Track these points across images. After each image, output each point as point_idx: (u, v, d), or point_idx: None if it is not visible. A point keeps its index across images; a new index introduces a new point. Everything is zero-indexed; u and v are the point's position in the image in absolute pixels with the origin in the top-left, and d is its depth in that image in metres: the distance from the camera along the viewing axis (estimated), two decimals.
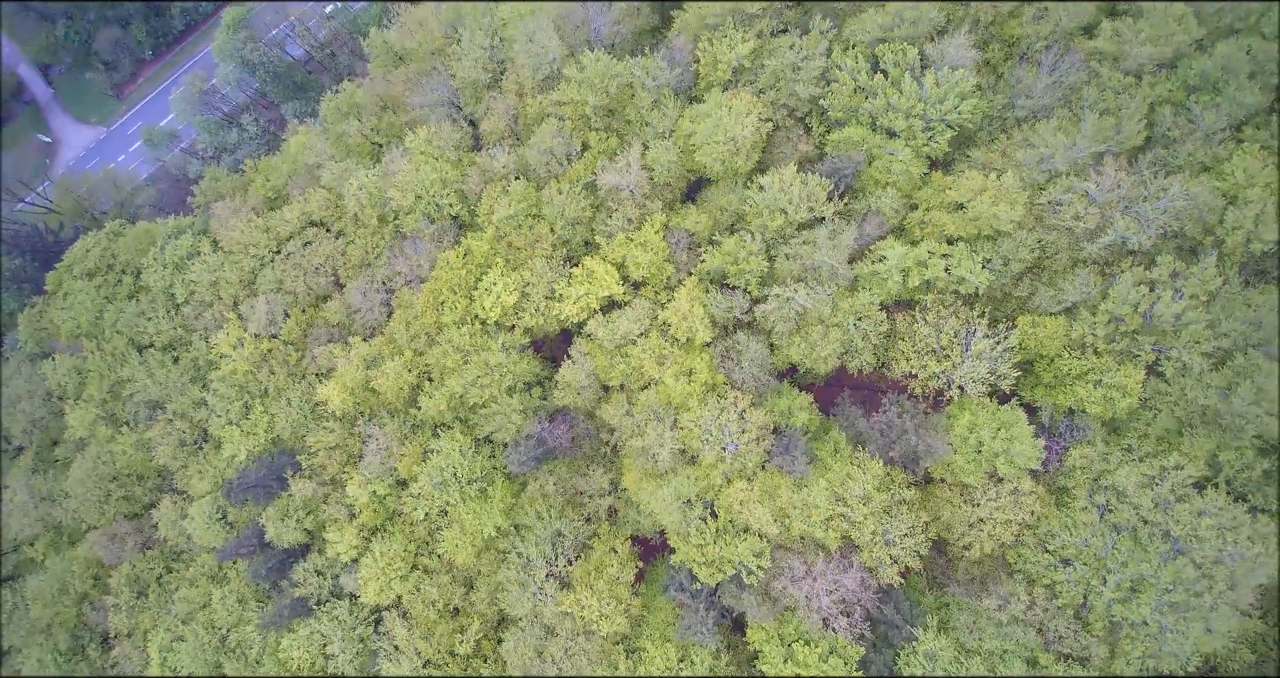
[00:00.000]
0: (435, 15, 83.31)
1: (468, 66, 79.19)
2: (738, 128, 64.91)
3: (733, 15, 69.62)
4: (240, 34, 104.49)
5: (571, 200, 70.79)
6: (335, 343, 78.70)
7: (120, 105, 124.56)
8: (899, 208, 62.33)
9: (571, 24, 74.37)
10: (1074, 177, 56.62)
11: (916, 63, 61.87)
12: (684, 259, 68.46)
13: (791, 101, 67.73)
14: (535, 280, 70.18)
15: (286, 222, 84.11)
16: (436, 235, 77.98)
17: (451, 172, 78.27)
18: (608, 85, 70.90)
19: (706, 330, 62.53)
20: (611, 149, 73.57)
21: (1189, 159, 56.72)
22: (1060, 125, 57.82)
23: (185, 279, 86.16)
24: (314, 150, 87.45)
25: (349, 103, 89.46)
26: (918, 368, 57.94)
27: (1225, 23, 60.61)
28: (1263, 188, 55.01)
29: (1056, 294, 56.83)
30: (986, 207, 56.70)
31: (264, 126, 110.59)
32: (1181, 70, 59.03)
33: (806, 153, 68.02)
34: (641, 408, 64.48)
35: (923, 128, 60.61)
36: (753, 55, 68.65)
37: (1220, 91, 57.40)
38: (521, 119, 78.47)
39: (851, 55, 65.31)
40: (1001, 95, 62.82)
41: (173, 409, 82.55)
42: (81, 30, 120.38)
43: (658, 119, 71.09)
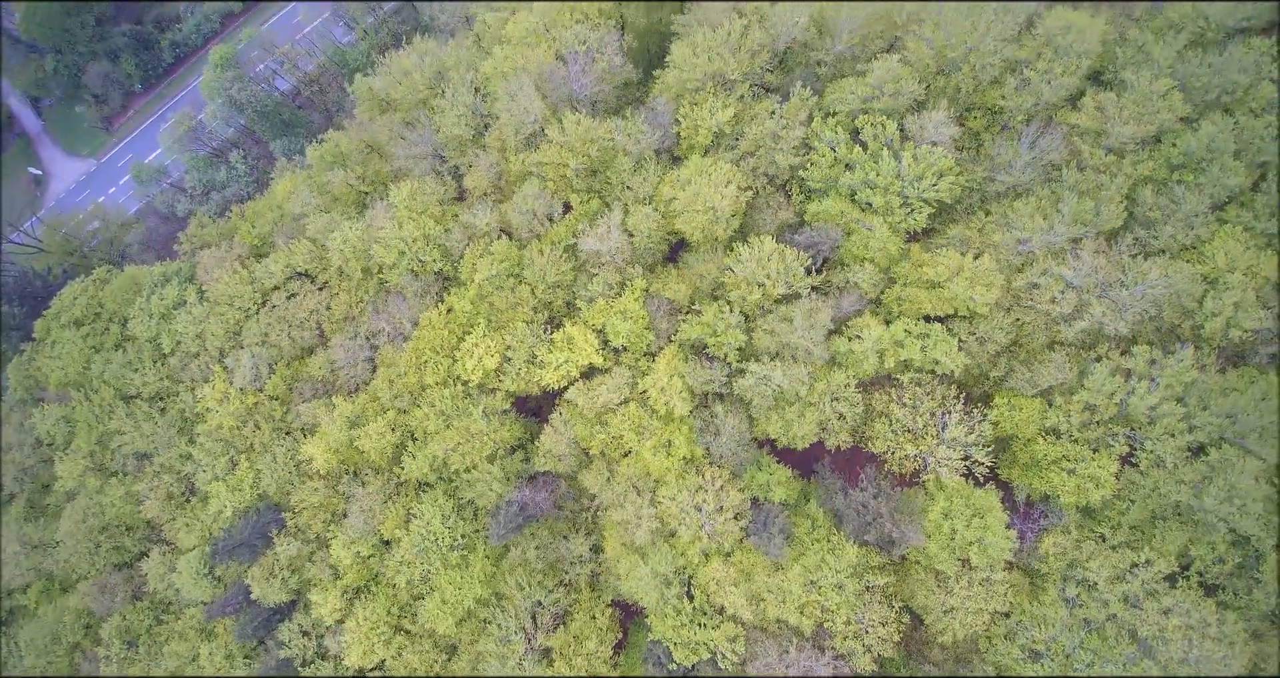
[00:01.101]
0: (419, 67, 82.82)
1: (451, 122, 78.93)
2: (717, 198, 64.65)
3: (713, 80, 69.15)
4: (228, 73, 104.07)
5: (553, 264, 70.70)
6: (320, 398, 79.04)
7: (110, 138, 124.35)
8: (877, 282, 62.09)
9: (553, 82, 73.86)
10: (1051, 259, 56.24)
11: (896, 136, 61.40)
12: (664, 327, 68.34)
13: (771, 169, 67.35)
14: (516, 345, 70.20)
15: (271, 274, 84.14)
16: (420, 291, 78.12)
17: (435, 227, 78.08)
18: (589, 148, 70.58)
19: (684, 404, 62.56)
20: (593, 211, 73.31)
21: (1169, 241, 56.25)
22: (1039, 206, 57.43)
23: (171, 329, 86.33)
24: (299, 199, 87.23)
25: (334, 152, 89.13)
26: (894, 448, 57.91)
27: (1213, 98, 59.94)
28: (1244, 273, 54.61)
29: (1032, 376, 56.66)
30: (963, 289, 56.45)
31: (252, 164, 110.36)
32: (1165, 147, 58.52)
33: (786, 220, 67.73)
34: (621, 479, 64.71)
35: (900, 204, 60.23)
36: (733, 121, 68.23)
37: (1204, 171, 56.84)
38: (504, 176, 78.26)
39: (831, 125, 64.87)
40: (981, 168, 62.39)
41: (160, 462, 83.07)
42: (71, 64, 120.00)
43: (639, 183, 70.82)
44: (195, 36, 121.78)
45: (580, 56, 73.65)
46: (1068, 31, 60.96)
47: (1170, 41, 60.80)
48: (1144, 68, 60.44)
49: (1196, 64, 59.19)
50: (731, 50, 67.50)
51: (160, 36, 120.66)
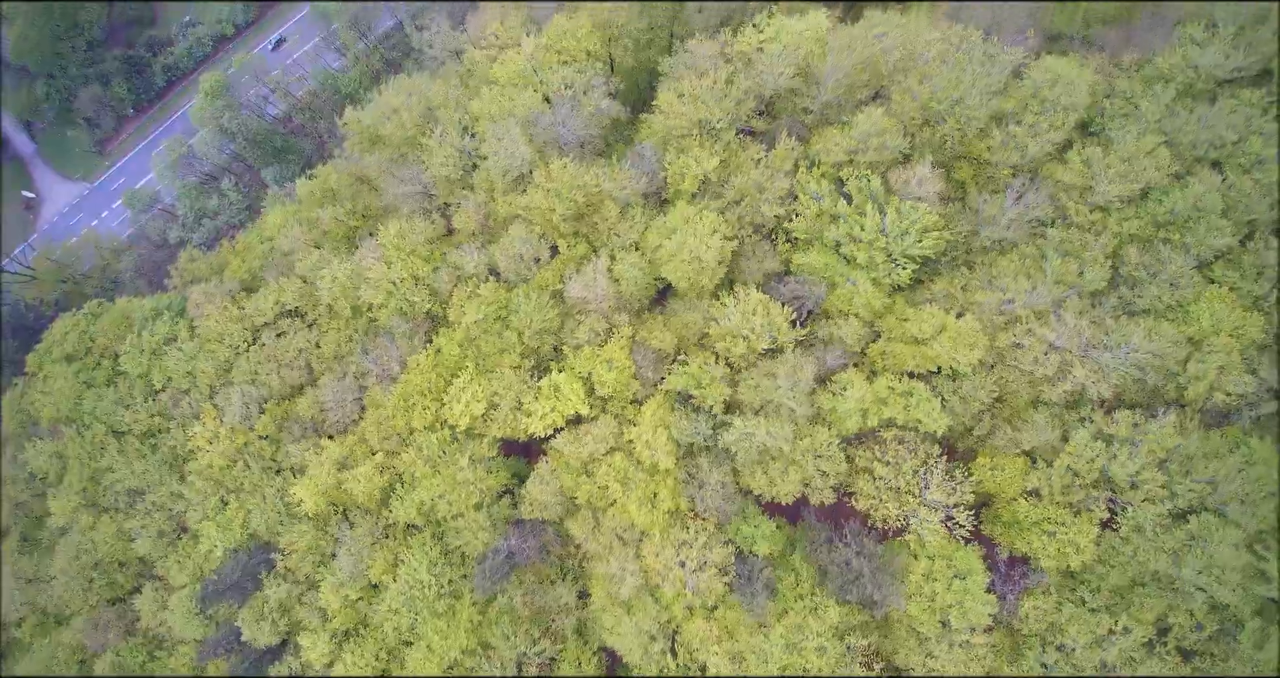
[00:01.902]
0: (407, 106, 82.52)
1: (439, 162, 78.73)
2: (702, 249, 64.50)
3: (699, 127, 68.88)
4: (218, 101, 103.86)
5: (539, 310, 70.65)
6: (309, 438, 79.30)
7: (103, 161, 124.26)
8: (861, 336, 61.98)
9: (540, 125, 73.58)
10: (1035, 320, 56.06)
11: (880, 190, 61.12)
12: (650, 375, 68.35)
13: (757, 218, 67.11)
14: (503, 391, 70.27)
15: (261, 311, 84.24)
16: (409, 333, 78.21)
17: (423, 267, 78.17)
18: (575, 194, 70.34)
19: (669, 458, 62.63)
20: (579, 255, 73.23)
21: (1154, 301, 56.04)
22: (1022, 266, 57.25)
23: (162, 366, 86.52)
24: (289, 235, 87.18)
25: (323, 188, 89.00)
26: (877, 507, 57.99)
27: (1201, 153, 59.59)
28: (1229, 335, 54.40)
29: (1016, 436, 56.61)
30: (946, 349, 56.34)
31: (244, 192, 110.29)
32: (1151, 204, 58.20)
33: (772, 269, 67.62)
34: (606, 530, 64.89)
35: (884, 259, 60.02)
36: (719, 169, 67.99)
37: (1190, 230, 56.58)
38: (492, 217, 78.10)
39: (816, 176, 64.72)
40: (966, 222, 62.17)
41: (151, 500, 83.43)
42: (63, 88, 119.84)
43: (625, 230, 70.66)
44: (187, 60, 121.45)
45: (566, 100, 73.38)
46: (1055, 84, 60.64)
47: (1159, 94, 60.44)
48: (1131, 121, 60.16)
49: (1185, 119, 58.76)
50: (717, 99, 67.16)
51: (152, 60, 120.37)
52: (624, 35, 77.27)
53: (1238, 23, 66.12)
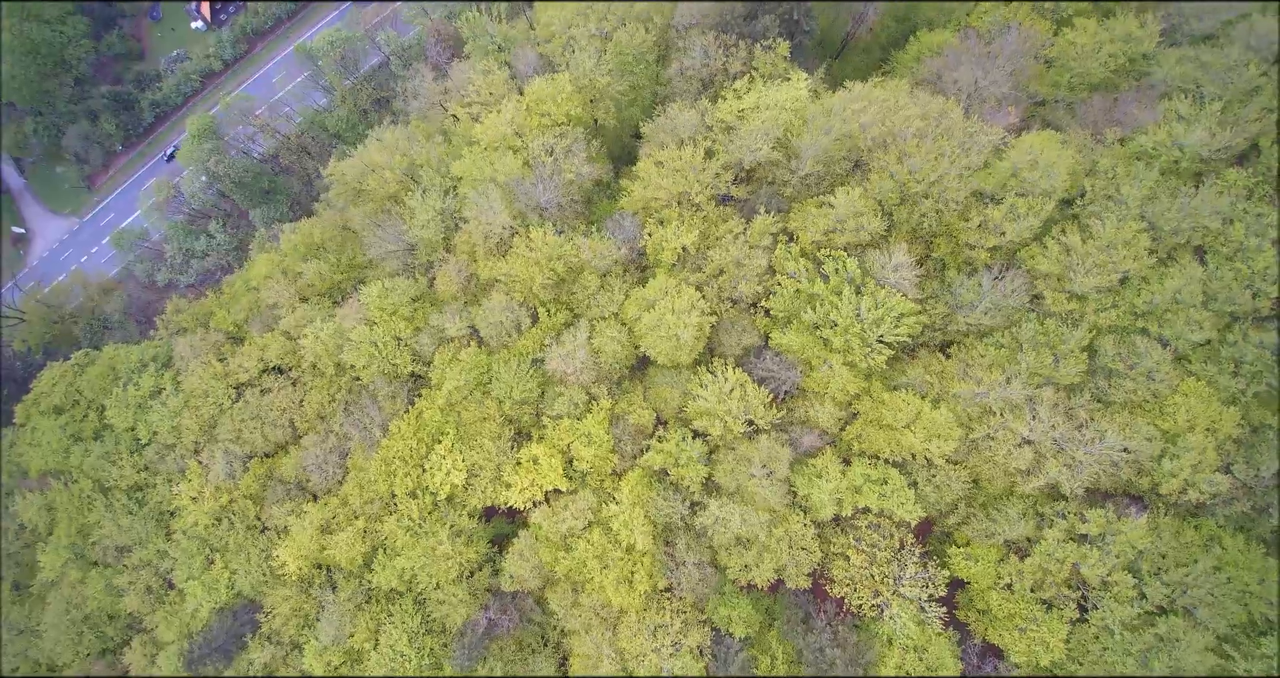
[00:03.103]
0: (389, 164, 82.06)
1: (421, 223, 78.48)
2: (680, 327, 64.30)
3: (679, 199, 68.44)
4: (205, 144, 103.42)
5: (519, 381, 70.67)
6: (292, 499, 79.69)
7: (92, 196, 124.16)
8: (838, 418, 61.82)
9: (521, 190, 73.16)
10: (1009, 413, 55.78)
11: (857, 273, 60.67)
12: (629, 449, 68.37)
13: (735, 294, 66.75)
14: (483, 462, 70.43)
15: (245, 369, 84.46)
16: (392, 394, 78.41)
17: (405, 329, 78.19)
18: (555, 264, 70.10)
19: (646, 538, 62.75)
20: (559, 323, 73.07)
21: (1129, 395, 55.70)
22: (997, 356, 56.83)
23: (147, 420, 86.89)
24: (273, 289, 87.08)
25: (307, 243, 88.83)
26: (852, 594, 58.12)
27: (1183, 240, 58.99)
28: (1204, 433, 54.08)
29: (990, 526, 56.53)
30: (920, 439, 56.17)
31: (232, 232, 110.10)
32: (1130, 293, 57.65)
33: (750, 344, 67.33)
34: (585, 607, 65.24)
35: (860, 344, 59.67)
36: (698, 242, 67.57)
37: (1168, 323, 56.12)
38: (474, 279, 77.84)
39: (793, 254, 64.22)
40: (945, 302, 61.72)
41: (138, 557, 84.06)
42: (50, 124, 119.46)
43: (604, 301, 70.43)
44: (175, 95, 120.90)
45: (547, 166, 72.88)
46: (1034, 165, 59.94)
47: (1141, 176, 59.69)
48: (1112, 205, 59.48)
49: (1166, 205, 58.09)
50: (696, 172, 66.67)
51: (140, 96, 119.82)
52: (605, 97, 76.52)
53: (1226, 96, 65.34)
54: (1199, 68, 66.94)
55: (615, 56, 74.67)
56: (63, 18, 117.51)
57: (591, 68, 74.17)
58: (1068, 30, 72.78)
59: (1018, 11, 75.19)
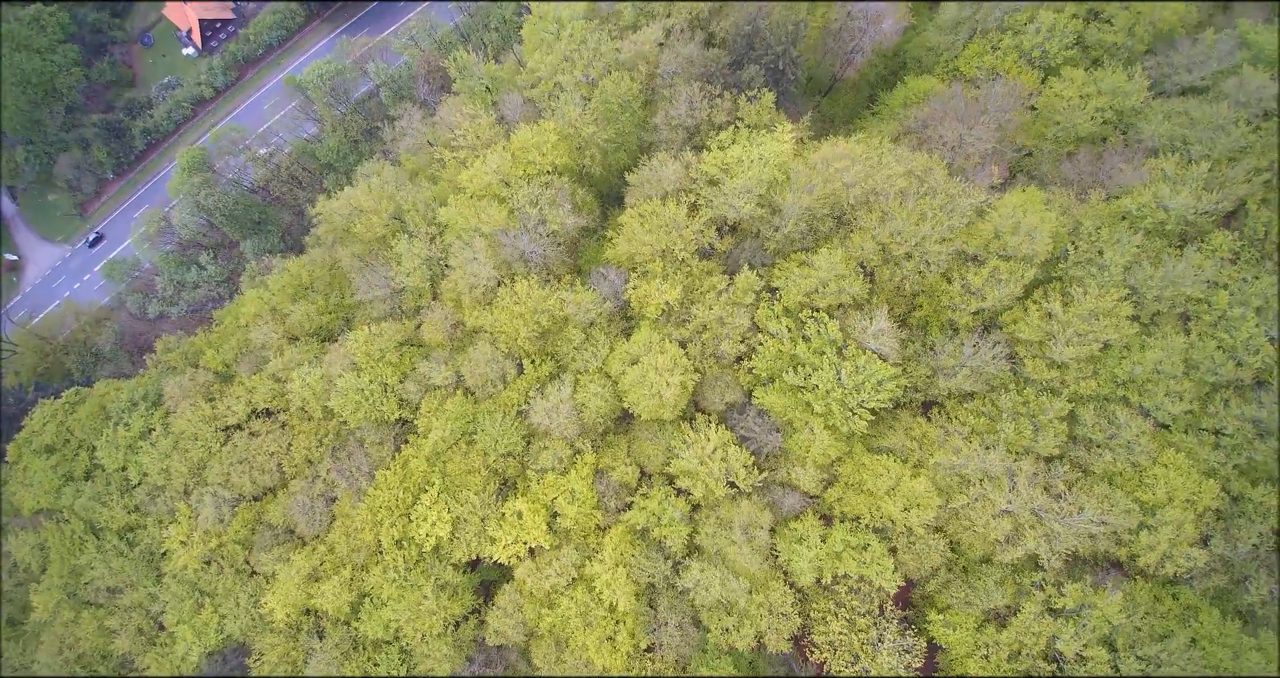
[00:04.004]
0: (377, 208, 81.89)
1: (407, 271, 78.53)
2: (662, 385, 64.29)
3: (663, 255, 68.30)
4: (194, 178, 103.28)
5: (504, 434, 70.88)
6: (280, 546, 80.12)
7: (84, 224, 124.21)
8: (819, 480, 61.92)
9: (506, 240, 73.04)
10: (988, 484, 55.80)
11: (838, 337, 60.56)
12: (612, 504, 68.59)
13: (718, 351, 66.69)
14: (468, 516, 70.72)
15: (233, 412, 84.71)
16: (379, 440, 78.76)
17: (392, 375, 78.30)
18: (539, 318, 70.08)
19: (628, 599, 63.01)
20: (545, 375, 73.14)
21: (1109, 466, 55.66)
22: (977, 425, 56.81)
23: (138, 461, 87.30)
24: (261, 330, 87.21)
25: (295, 284, 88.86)
26: (831, 660, 58.40)
27: (1165, 308, 58.74)
28: (1182, 505, 54.08)
29: (968, 594, 56.69)
30: (898, 510, 56.26)
31: (223, 264, 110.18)
32: (1110, 362, 57.50)
33: (733, 401, 67.41)
34: (569, 665, 65.64)
35: (841, 409, 59.65)
36: (681, 298, 67.46)
37: (1149, 393, 56.03)
38: (460, 326, 77.89)
39: (776, 313, 64.15)
40: (927, 363, 61.65)
41: (130, 599, 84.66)
42: (42, 153, 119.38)
43: (588, 356, 70.47)
44: (167, 122, 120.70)
45: (532, 218, 72.74)
46: (1016, 229, 59.63)
47: (1125, 241, 59.30)
48: (1094, 269, 59.23)
49: (1149, 273, 57.82)
50: (679, 229, 66.50)
51: (132, 124, 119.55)
52: (591, 145, 76.20)
53: (1214, 155, 64.89)
54: (1187, 124, 66.48)
55: (601, 104, 74.27)
56: (53, 46, 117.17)
57: (577, 117, 73.82)
58: (1055, 80, 72.22)
59: (1004, 60, 74.58)
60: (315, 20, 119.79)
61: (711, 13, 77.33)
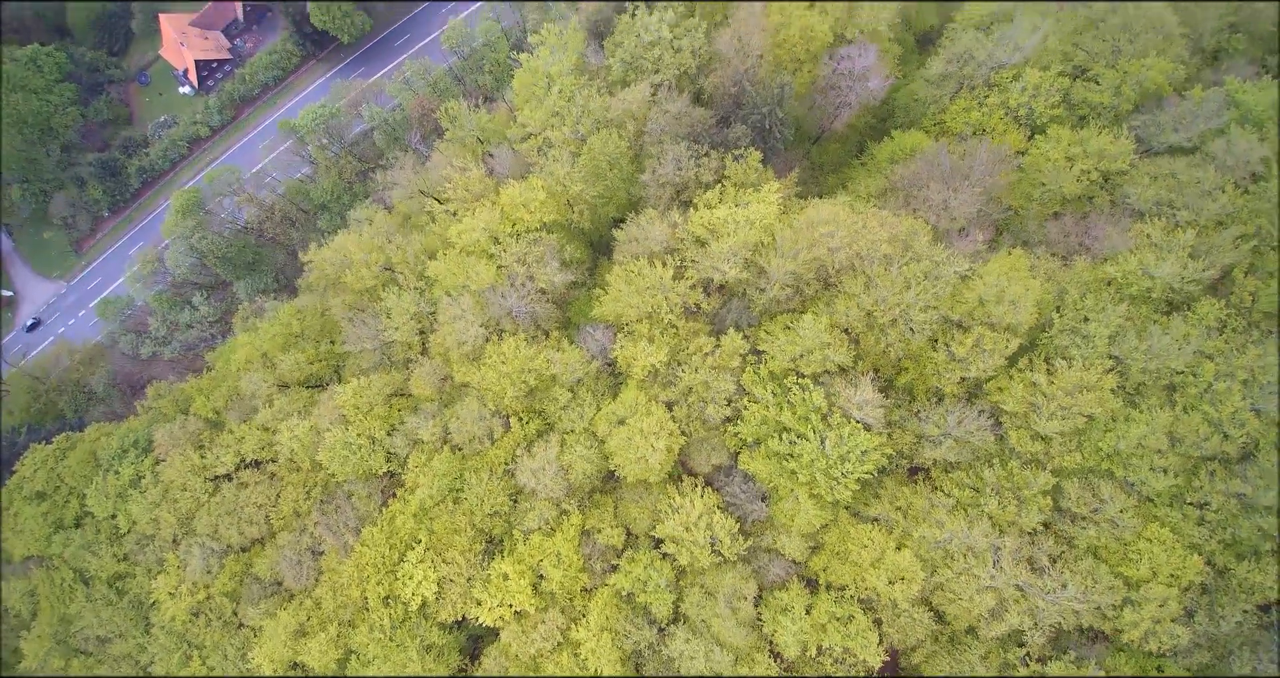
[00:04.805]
0: (367, 261, 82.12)
1: (396, 324, 78.74)
2: (648, 450, 64.25)
3: (649, 317, 68.40)
4: (188, 221, 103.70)
5: (491, 495, 70.84)
6: (267, 599, 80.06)
7: (80, 260, 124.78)
8: (805, 549, 61.77)
9: (494, 297, 73.18)
10: (972, 558, 55.60)
11: (823, 404, 60.51)
12: (598, 568, 68.42)
13: (704, 415, 66.62)
14: (454, 576, 70.56)
15: (223, 463, 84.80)
16: (368, 493, 78.78)
17: (380, 428, 78.40)
18: (526, 377, 70.11)
19: (613, 666, 62.77)
20: (532, 433, 73.16)
21: (1093, 541, 55.46)
22: (961, 498, 56.68)
23: (127, 510, 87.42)
24: (252, 379, 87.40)
25: (286, 334, 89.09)
26: None
27: (1150, 381, 58.64)
28: (1166, 583, 53.82)
29: (952, 668, 56.40)
30: (882, 583, 56.06)
31: (216, 304, 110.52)
32: (1095, 435, 57.37)
33: (720, 463, 67.36)
34: None
35: (825, 478, 59.53)
36: (668, 359, 67.48)
37: (1133, 468, 55.87)
38: (449, 381, 78.00)
39: (762, 377, 64.12)
40: (910, 433, 61.55)
41: (119, 649, 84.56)
42: (38, 191, 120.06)
43: (575, 416, 70.49)
44: (162, 161, 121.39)
45: (519, 276, 72.96)
46: (1000, 299, 59.61)
47: (1109, 312, 59.21)
48: (1079, 340, 59.17)
49: (1134, 344, 57.75)
50: (665, 291, 66.62)
51: (128, 162, 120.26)
52: (580, 201, 76.46)
53: (1200, 221, 64.89)
54: (1174, 187, 66.42)
55: (589, 161, 74.52)
56: (50, 86, 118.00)
57: (565, 174, 74.07)
58: (1041, 139, 72.35)
59: (990, 117, 74.73)
60: (311, 61, 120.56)
61: (700, 69, 77.63)
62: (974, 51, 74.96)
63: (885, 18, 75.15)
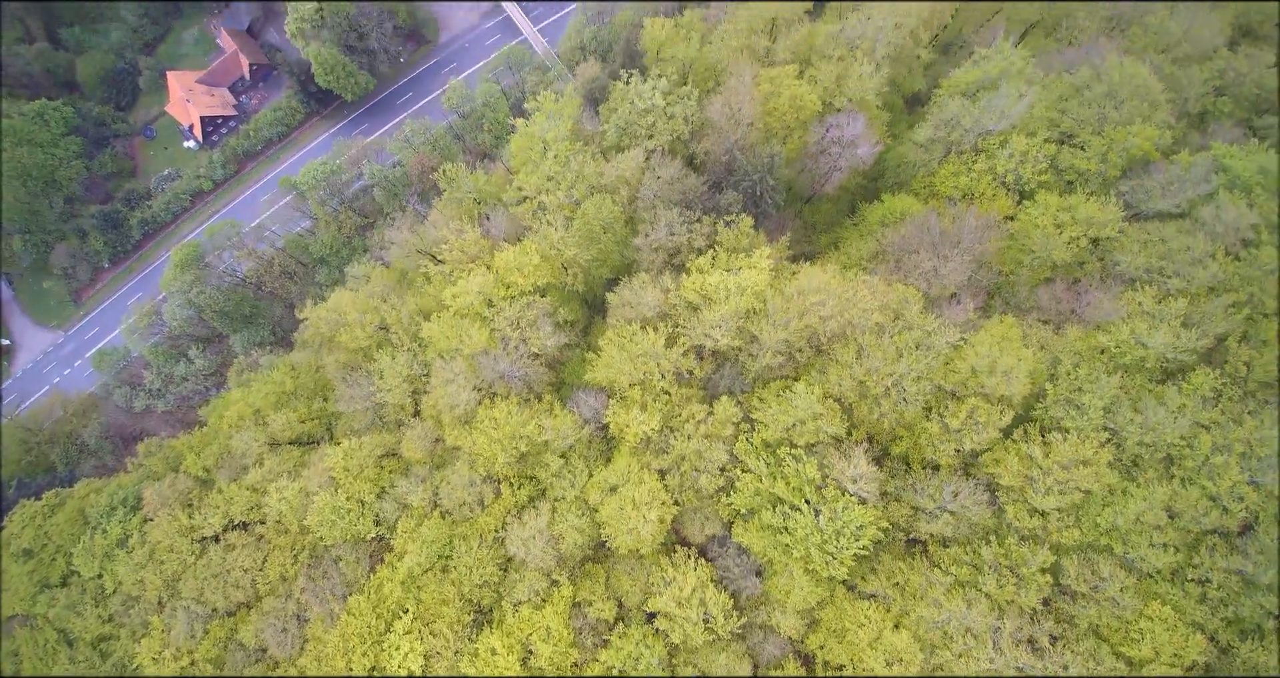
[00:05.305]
0: (362, 321, 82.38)
1: (389, 386, 78.54)
2: (639, 521, 63.35)
3: (641, 384, 68.18)
4: (187, 275, 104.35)
5: (479, 565, 69.66)
6: (251, 665, 78.21)
7: (78, 310, 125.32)
8: (800, 627, 60.35)
9: (487, 361, 73.04)
10: (971, 639, 54.26)
11: (817, 477, 59.81)
12: (589, 641, 66.85)
13: (697, 485, 65.85)
14: (441, 649, 68.93)
15: (210, 524, 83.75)
16: (356, 559, 77.56)
17: (370, 491, 77.61)
18: (517, 444, 69.54)
19: None
20: (522, 501, 72.32)
21: (1093, 620, 54.16)
22: (960, 575, 55.56)
23: (113, 570, 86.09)
24: (243, 439, 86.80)
25: (279, 392, 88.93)
26: None
27: (1147, 455, 58.03)
28: (1169, 663, 52.40)
29: None
30: (880, 664, 54.56)
31: (211, 358, 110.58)
32: (1093, 510, 56.55)
33: (713, 533, 66.35)
34: None
35: (820, 554, 58.50)
36: (660, 426, 66.98)
37: (1133, 545, 54.89)
38: (441, 444, 77.43)
39: (755, 447, 63.53)
40: (906, 505, 60.70)
41: None
42: (39, 242, 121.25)
43: (567, 484, 69.77)
44: (165, 213, 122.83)
45: (512, 341, 73.01)
46: (992, 370, 59.42)
47: (1103, 383, 58.89)
48: (1073, 412, 58.74)
49: (1129, 418, 57.29)
50: (656, 359, 66.53)
51: (130, 215, 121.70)
52: (573, 264, 76.94)
53: (1191, 290, 64.99)
54: (1163, 255, 66.70)
55: (583, 226, 75.20)
56: (55, 140, 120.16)
57: (559, 239, 74.67)
58: (1029, 204, 72.94)
59: (979, 182, 75.53)
60: (314, 117, 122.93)
61: (693, 135, 78.91)
62: (960, 118, 76.08)
63: (872, 86, 76.54)
